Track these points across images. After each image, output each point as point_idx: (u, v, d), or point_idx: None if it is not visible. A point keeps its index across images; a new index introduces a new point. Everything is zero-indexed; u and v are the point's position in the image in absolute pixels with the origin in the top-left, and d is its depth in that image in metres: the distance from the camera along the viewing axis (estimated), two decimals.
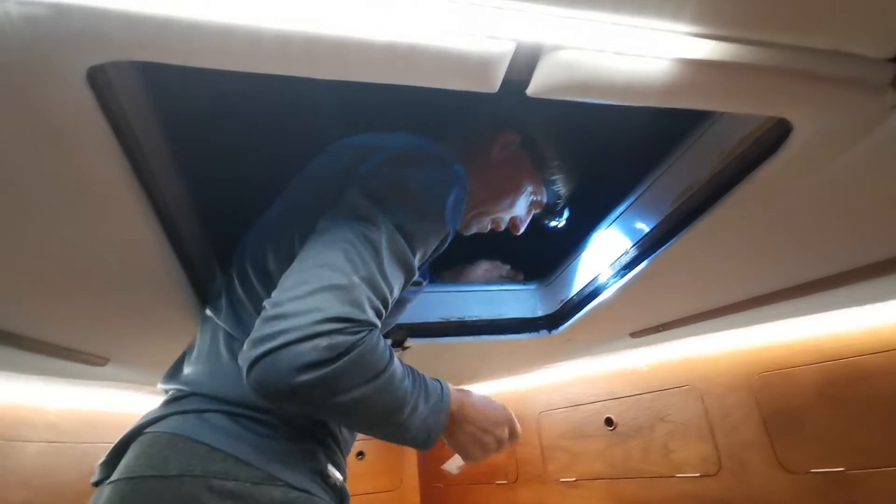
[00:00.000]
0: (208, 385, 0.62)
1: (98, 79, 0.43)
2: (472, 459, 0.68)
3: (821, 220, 0.78)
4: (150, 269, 0.74)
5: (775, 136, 0.63)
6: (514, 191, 0.89)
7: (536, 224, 0.98)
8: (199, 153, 0.81)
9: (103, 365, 1.09)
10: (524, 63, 0.46)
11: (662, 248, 0.86)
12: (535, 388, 1.84)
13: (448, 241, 0.68)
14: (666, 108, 0.52)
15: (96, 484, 0.62)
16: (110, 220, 0.60)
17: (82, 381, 1.28)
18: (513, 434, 0.71)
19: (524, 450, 1.82)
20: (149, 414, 0.64)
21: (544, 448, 1.76)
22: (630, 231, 0.95)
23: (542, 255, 1.29)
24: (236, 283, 0.70)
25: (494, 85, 0.47)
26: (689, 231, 0.79)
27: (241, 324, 0.66)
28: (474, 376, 1.86)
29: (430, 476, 2.20)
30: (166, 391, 0.67)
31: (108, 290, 0.77)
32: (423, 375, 0.62)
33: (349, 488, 0.68)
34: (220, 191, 0.91)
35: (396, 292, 0.59)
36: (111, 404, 1.53)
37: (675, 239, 0.83)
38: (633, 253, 0.95)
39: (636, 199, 0.92)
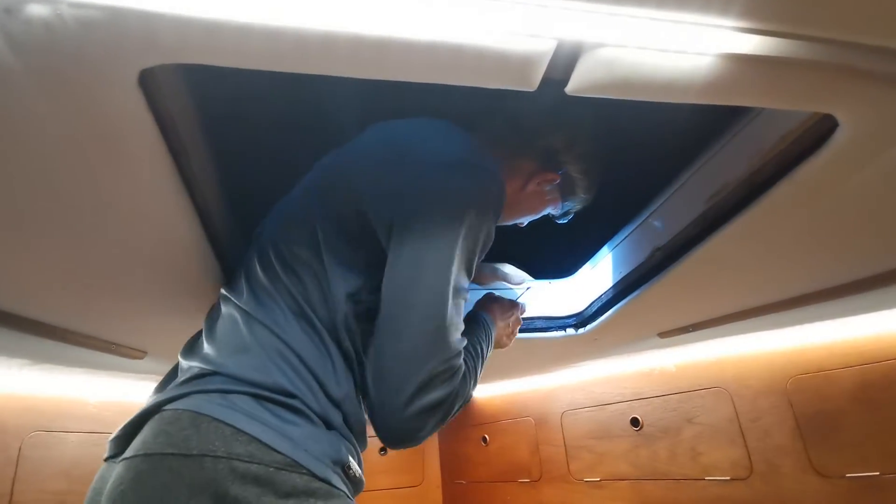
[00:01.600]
0: (233, 366, 0.60)
1: (149, 81, 0.44)
2: (501, 347, 0.95)
3: (860, 220, 0.75)
4: (189, 267, 0.76)
5: (819, 133, 0.61)
6: (533, 213, 0.93)
7: (563, 222, 0.98)
8: (236, 152, 0.82)
9: (141, 358, 1.12)
10: (564, 61, 0.46)
11: (695, 247, 0.85)
12: (558, 386, 1.83)
13: None
14: (701, 105, 0.51)
15: (107, 459, 0.60)
16: (153, 220, 0.63)
17: (122, 373, 1.32)
18: (517, 321, 0.98)
19: (548, 449, 1.82)
20: (166, 390, 0.61)
21: (568, 447, 1.75)
22: (663, 229, 0.93)
23: (569, 251, 1.28)
24: (257, 268, 0.70)
25: (534, 83, 0.47)
26: (724, 230, 0.78)
27: (264, 308, 0.65)
28: (496, 374, 1.86)
29: (453, 472, 2.21)
30: (188, 368, 0.64)
31: (149, 287, 0.80)
32: (477, 332, 0.82)
33: (371, 483, 0.69)
34: (250, 185, 0.92)
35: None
36: (148, 396, 1.57)
37: (708, 238, 0.82)
38: (665, 252, 0.93)
39: (669, 197, 0.91)
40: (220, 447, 0.52)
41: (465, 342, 0.68)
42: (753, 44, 0.43)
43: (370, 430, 0.69)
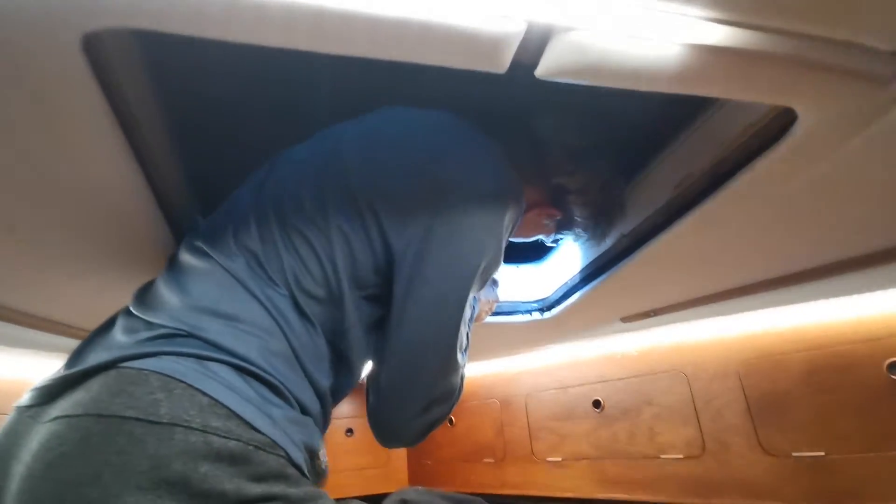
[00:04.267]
0: (213, 332, 0.53)
1: (94, 46, 0.41)
2: (476, 322, 0.93)
3: (816, 210, 0.78)
4: (144, 244, 0.72)
5: (779, 125, 0.63)
6: (523, 238, 0.93)
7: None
8: (197, 128, 0.79)
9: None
10: (534, 44, 0.45)
11: (660, 234, 0.87)
12: (524, 370, 1.87)
13: None
14: (671, 96, 0.52)
15: (23, 409, 0.50)
16: (102, 193, 0.59)
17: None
18: (496, 298, 1.02)
19: (512, 430, 1.86)
20: (118, 344, 0.53)
21: (532, 429, 1.79)
22: (629, 216, 0.95)
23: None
24: (252, 229, 0.62)
25: (503, 65, 0.46)
26: (688, 218, 0.80)
27: (256, 279, 0.59)
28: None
29: (419, 452, 2.24)
30: (147, 324, 0.54)
31: (101, 264, 0.76)
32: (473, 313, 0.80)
33: (337, 464, 0.69)
34: (218, 163, 0.89)
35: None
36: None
37: (673, 225, 0.83)
38: (631, 238, 0.95)
39: (637, 184, 0.92)
40: (196, 417, 0.45)
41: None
42: (720, 35, 0.44)
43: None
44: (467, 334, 0.82)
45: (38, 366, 1.29)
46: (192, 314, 0.55)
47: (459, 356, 0.68)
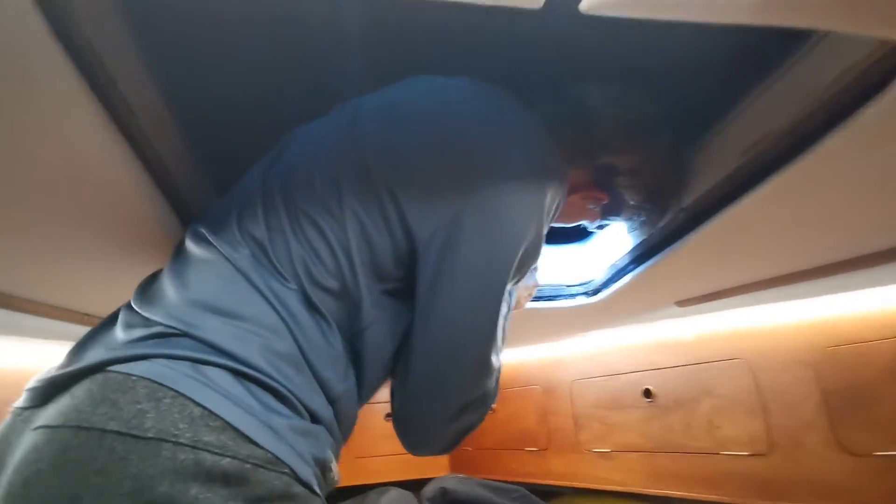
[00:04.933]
0: (211, 330, 0.47)
1: (50, 2, 0.35)
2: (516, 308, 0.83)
3: None
4: (144, 222, 0.66)
5: (886, 67, 0.50)
6: (564, 223, 0.82)
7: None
8: (203, 94, 0.72)
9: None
10: None
11: (726, 208, 0.75)
12: (569, 356, 1.77)
13: None
14: (740, 35, 0.41)
15: (18, 412, 0.47)
16: (86, 168, 0.53)
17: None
18: (536, 283, 0.93)
19: (556, 418, 1.77)
20: (110, 346, 0.48)
21: (577, 417, 1.70)
22: (689, 183, 0.83)
23: None
24: (259, 215, 0.57)
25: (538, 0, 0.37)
26: (761, 189, 0.68)
27: (262, 270, 0.53)
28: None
29: None
30: (145, 321, 0.50)
31: (104, 246, 0.71)
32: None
33: (376, 448, 0.66)
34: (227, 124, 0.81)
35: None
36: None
37: (742, 198, 0.71)
38: (689, 213, 0.84)
39: (700, 148, 0.80)
40: (186, 431, 0.40)
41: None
42: None
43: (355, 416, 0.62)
44: (504, 331, 0.75)
45: (55, 353, 1.28)
46: (190, 310, 0.50)
47: (494, 358, 0.60)
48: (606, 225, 0.84)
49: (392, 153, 0.57)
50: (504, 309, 0.60)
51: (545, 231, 0.61)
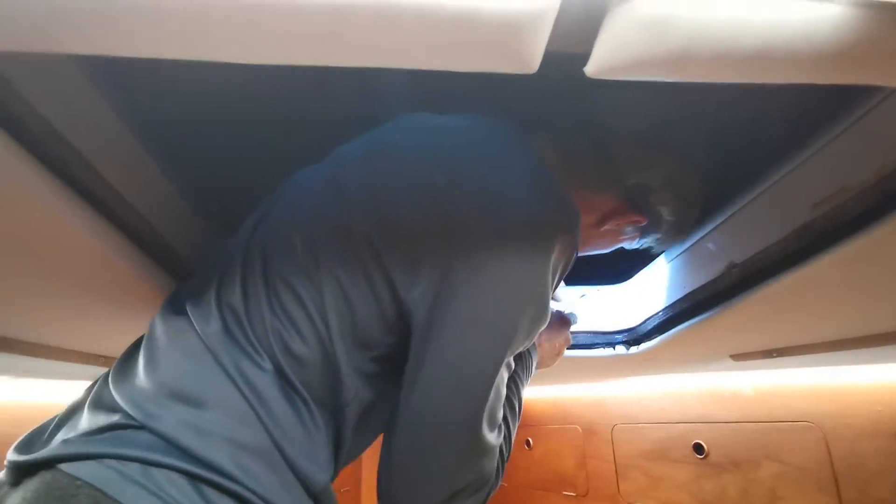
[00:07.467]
0: (168, 422, 0.43)
1: None
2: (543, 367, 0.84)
3: None
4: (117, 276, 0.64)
5: None
6: (600, 250, 0.75)
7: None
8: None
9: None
10: (578, 26, 0.28)
11: (792, 269, 0.63)
12: (610, 396, 1.64)
13: None
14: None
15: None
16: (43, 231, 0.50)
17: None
18: (567, 341, 0.86)
19: (595, 463, 1.64)
20: (73, 425, 0.46)
21: (618, 465, 1.56)
22: (746, 237, 0.71)
23: (622, 251, 1.08)
24: (236, 286, 0.52)
25: (531, 64, 0.30)
26: (840, 250, 0.56)
27: (233, 347, 0.49)
28: (536, 378, 1.69)
29: None
30: (111, 405, 0.46)
31: (89, 296, 0.69)
32: (516, 379, 0.67)
33: None
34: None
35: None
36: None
37: (812, 259, 0.60)
38: (744, 270, 0.72)
39: (758, 197, 0.68)
40: None
41: (502, 424, 0.57)
42: None
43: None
44: (519, 400, 0.66)
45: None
46: (153, 396, 0.46)
47: (491, 435, 0.52)
48: (647, 245, 0.75)
49: (375, 205, 0.51)
50: (505, 376, 0.52)
51: (551, 291, 0.53)
